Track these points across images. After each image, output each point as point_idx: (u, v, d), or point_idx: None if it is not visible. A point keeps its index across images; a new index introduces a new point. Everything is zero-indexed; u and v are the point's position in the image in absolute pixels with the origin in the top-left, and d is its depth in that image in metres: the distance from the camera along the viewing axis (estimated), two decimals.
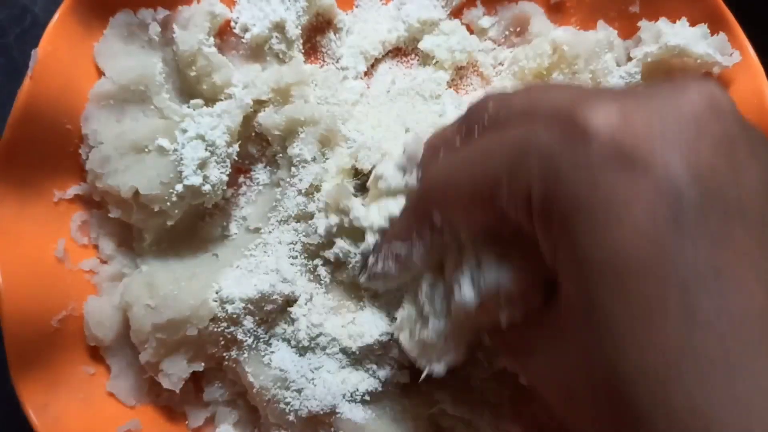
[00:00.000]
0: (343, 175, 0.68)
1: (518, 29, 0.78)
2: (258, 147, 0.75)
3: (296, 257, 0.69)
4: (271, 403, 0.66)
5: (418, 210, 0.51)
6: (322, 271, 0.68)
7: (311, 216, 0.68)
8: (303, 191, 0.68)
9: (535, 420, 0.68)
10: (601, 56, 0.71)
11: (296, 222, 0.70)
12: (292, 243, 0.69)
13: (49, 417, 0.64)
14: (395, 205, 0.59)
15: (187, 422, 0.71)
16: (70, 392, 0.66)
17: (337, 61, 0.77)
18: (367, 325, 0.66)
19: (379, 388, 0.67)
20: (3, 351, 0.63)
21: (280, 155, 0.71)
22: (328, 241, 0.66)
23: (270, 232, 0.71)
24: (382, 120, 0.72)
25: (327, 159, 0.69)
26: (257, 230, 0.71)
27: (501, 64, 0.78)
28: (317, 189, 0.68)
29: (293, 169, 0.69)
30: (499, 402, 0.68)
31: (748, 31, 0.70)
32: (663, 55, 0.70)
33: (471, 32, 0.78)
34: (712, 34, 0.70)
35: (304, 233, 0.69)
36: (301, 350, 0.68)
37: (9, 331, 0.63)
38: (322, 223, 0.66)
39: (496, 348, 0.52)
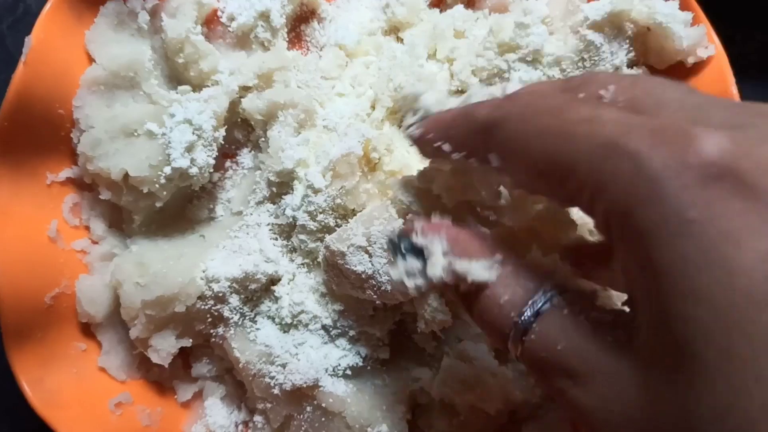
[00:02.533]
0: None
1: None
2: (243, 132, 0.77)
3: (277, 238, 0.72)
4: (257, 377, 0.69)
5: (478, 139, 0.44)
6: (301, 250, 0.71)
7: (280, 197, 0.71)
8: (276, 172, 0.70)
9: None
10: (576, 13, 0.73)
11: (270, 203, 0.72)
12: (269, 224, 0.72)
13: (44, 390, 0.66)
14: None
15: (176, 396, 0.74)
16: (63, 367, 0.69)
17: (321, 50, 0.80)
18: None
19: (360, 363, 0.70)
20: None
21: (263, 139, 0.74)
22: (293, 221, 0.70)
23: (250, 214, 0.73)
24: (362, 96, 0.75)
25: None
26: (240, 213, 0.74)
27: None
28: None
29: (269, 149, 0.71)
30: None
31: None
32: (648, 26, 0.71)
33: None
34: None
35: (274, 215, 0.72)
36: (285, 327, 0.70)
37: (4, 307, 0.65)
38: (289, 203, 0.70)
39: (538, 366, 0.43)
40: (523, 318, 0.41)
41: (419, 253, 0.48)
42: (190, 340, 0.71)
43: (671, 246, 0.32)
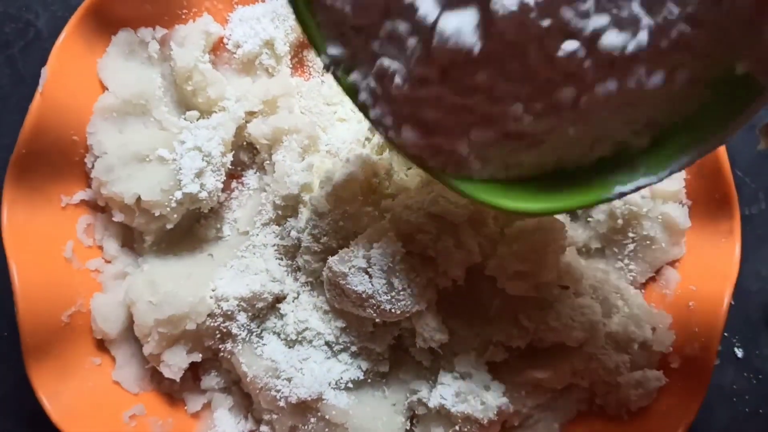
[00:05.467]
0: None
1: None
2: (249, 154, 0.81)
3: (282, 258, 0.76)
4: (264, 390, 0.73)
5: None
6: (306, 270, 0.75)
7: (285, 219, 0.75)
8: (281, 197, 0.74)
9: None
10: None
11: (276, 225, 0.76)
12: (274, 245, 0.76)
13: (61, 403, 0.70)
14: None
15: (186, 407, 0.78)
16: (79, 381, 0.73)
17: (323, 75, 0.83)
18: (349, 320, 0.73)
19: (361, 377, 0.75)
20: (18, 343, 0.69)
21: (268, 162, 0.78)
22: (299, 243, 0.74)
23: (257, 234, 0.77)
24: (362, 121, 0.79)
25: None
26: (246, 233, 0.78)
27: None
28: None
29: (275, 174, 0.75)
30: None
31: None
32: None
33: None
34: None
35: (279, 236, 0.76)
36: (290, 343, 0.74)
37: (24, 325, 0.69)
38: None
39: None
40: None
41: None
42: (200, 355, 0.75)
43: None
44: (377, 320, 0.72)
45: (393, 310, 0.68)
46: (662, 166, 0.50)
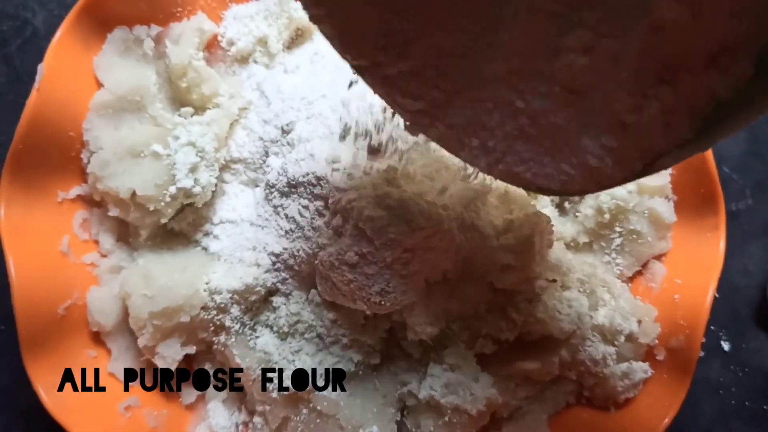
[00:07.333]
0: None
1: None
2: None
3: (275, 252, 0.77)
4: (256, 382, 0.74)
5: None
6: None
7: (279, 213, 0.75)
8: (268, 184, 0.75)
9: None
10: None
11: (269, 218, 0.77)
12: (267, 239, 0.77)
13: (58, 395, 0.71)
14: None
15: (180, 399, 0.79)
16: (75, 373, 0.74)
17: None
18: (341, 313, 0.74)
19: (353, 369, 0.76)
20: (15, 336, 0.70)
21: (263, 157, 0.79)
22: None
23: (250, 228, 0.78)
24: None
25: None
26: (239, 227, 0.79)
27: None
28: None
29: (268, 169, 0.76)
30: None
31: None
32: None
33: None
34: None
35: (272, 229, 0.77)
36: (282, 335, 0.76)
37: (20, 318, 0.70)
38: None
39: None
40: None
41: None
42: (194, 348, 0.76)
43: None
44: (368, 313, 0.73)
45: (384, 303, 0.69)
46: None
